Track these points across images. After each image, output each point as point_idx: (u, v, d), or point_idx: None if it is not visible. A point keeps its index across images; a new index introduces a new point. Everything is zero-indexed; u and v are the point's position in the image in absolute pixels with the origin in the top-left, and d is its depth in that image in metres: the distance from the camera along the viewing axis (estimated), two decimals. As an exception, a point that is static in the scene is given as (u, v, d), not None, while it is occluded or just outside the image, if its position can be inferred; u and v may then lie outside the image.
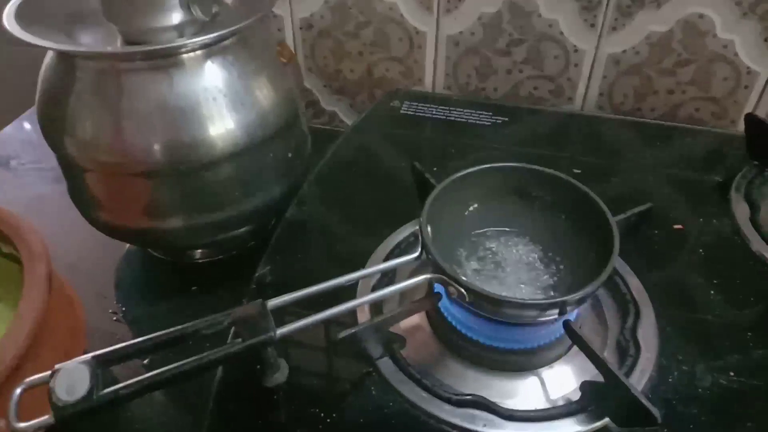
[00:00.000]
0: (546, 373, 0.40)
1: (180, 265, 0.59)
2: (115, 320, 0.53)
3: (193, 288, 0.56)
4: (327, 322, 0.36)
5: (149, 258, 0.60)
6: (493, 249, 0.43)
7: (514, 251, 0.43)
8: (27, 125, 0.78)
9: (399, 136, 0.63)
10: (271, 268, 0.47)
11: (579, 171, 0.56)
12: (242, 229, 0.54)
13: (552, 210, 0.42)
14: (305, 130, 0.58)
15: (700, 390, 0.38)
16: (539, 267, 0.42)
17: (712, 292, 0.45)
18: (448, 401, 0.37)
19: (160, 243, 0.56)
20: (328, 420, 0.37)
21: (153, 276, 0.58)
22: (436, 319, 0.42)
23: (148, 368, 0.32)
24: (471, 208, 0.43)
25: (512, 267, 0.42)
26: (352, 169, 0.59)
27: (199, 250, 0.59)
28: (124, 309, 0.54)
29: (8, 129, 0.78)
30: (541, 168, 0.42)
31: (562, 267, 0.41)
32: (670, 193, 0.55)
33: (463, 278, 0.35)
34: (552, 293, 0.40)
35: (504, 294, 0.38)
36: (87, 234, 0.55)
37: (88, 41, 0.51)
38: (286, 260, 0.49)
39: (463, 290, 0.35)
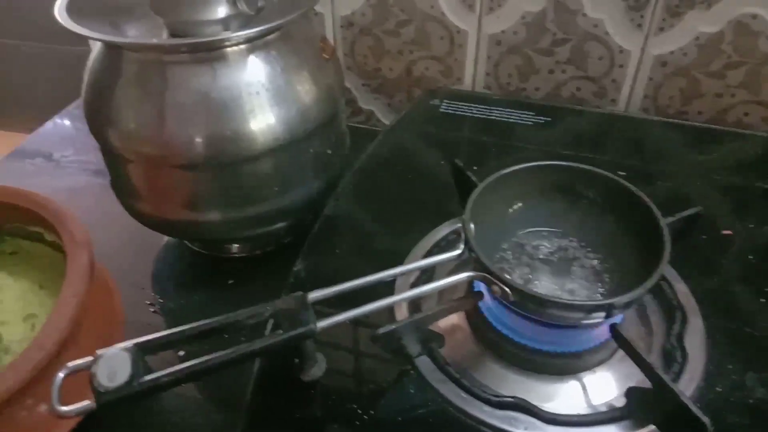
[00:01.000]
0: (588, 378, 0.39)
1: (217, 259, 0.59)
2: (153, 311, 0.54)
3: (230, 282, 0.56)
4: (365, 319, 0.36)
5: (187, 251, 0.60)
6: (538, 249, 0.42)
7: (560, 252, 0.41)
8: (67, 121, 0.80)
9: (438, 135, 0.63)
10: (309, 264, 0.47)
11: (623, 173, 0.53)
12: (279, 225, 0.54)
13: (599, 211, 0.41)
14: (344, 127, 0.58)
15: (750, 400, 0.37)
16: (585, 268, 0.41)
17: (762, 299, 0.43)
18: (488, 402, 0.36)
19: (198, 235, 0.57)
20: (365, 417, 0.36)
21: (190, 269, 0.59)
22: (476, 320, 0.41)
23: (183, 361, 0.32)
24: (515, 207, 0.42)
25: (557, 268, 0.41)
26: (390, 167, 0.59)
27: (237, 245, 0.59)
28: (161, 300, 0.55)
29: (50, 124, 0.79)
30: (589, 167, 0.41)
31: (608, 269, 0.40)
32: (718, 199, 0.53)
33: (507, 276, 0.35)
34: (598, 296, 0.39)
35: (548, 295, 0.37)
36: (127, 226, 0.56)
37: (134, 34, 0.52)
38: (324, 256, 0.48)
39: (507, 289, 0.34)
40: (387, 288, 0.43)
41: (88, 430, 0.41)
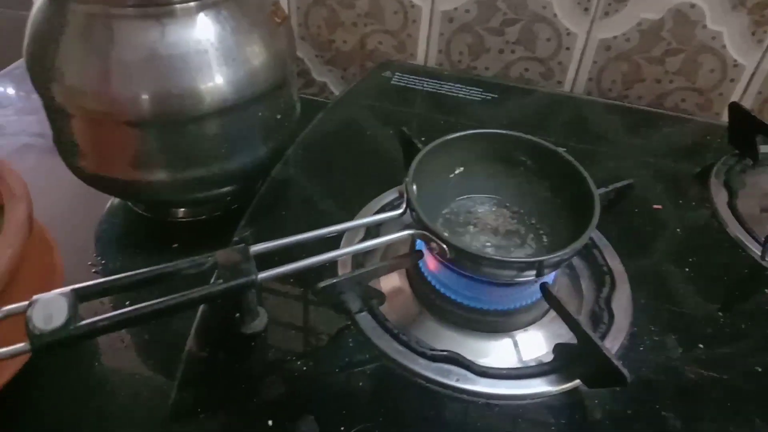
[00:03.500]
0: (520, 336, 0.40)
1: (162, 223, 0.59)
2: (94, 272, 0.53)
3: (174, 245, 0.56)
4: (307, 274, 0.36)
5: (132, 214, 0.59)
6: (476, 213, 0.43)
7: (496, 216, 0.43)
8: (9, 81, 0.77)
9: (388, 107, 0.64)
10: (254, 225, 0.47)
11: (564, 150, 0.56)
12: (226, 189, 0.54)
13: (536, 178, 0.43)
14: (295, 96, 0.58)
15: (670, 361, 0.39)
16: (521, 233, 0.42)
17: (687, 269, 0.46)
18: (423, 356, 0.37)
19: (143, 196, 0.56)
20: (305, 368, 0.37)
21: (135, 231, 0.58)
22: (416, 280, 0.42)
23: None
24: (456, 172, 0.44)
25: (493, 231, 0.42)
26: (339, 136, 0.59)
27: (182, 209, 0.59)
28: (103, 262, 0.54)
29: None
30: (527, 136, 0.43)
31: (542, 234, 0.42)
32: (652, 178, 0.55)
33: (445, 234, 0.36)
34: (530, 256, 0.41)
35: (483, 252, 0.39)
36: (69, 187, 0.55)
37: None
38: (270, 219, 0.49)
39: (444, 246, 0.35)
40: (332, 246, 0.43)
41: (26, 386, 0.40)
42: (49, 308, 0.31)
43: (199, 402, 0.35)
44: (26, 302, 0.32)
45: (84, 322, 0.31)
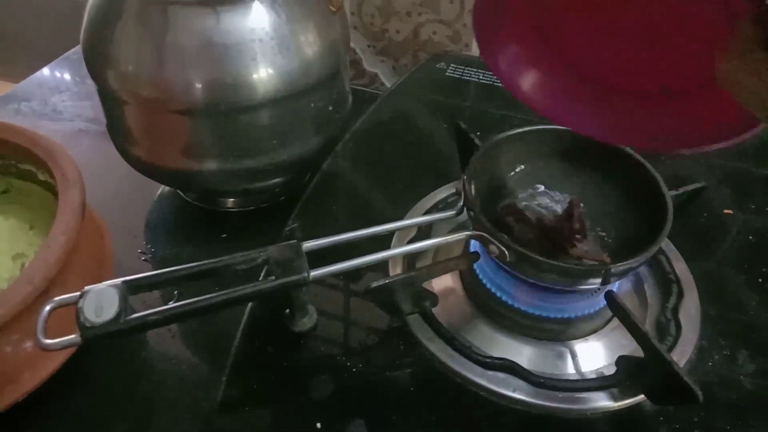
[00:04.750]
0: (579, 346, 0.38)
1: (212, 212, 0.59)
2: (143, 260, 0.53)
3: (223, 235, 0.55)
4: (357, 271, 0.35)
5: (181, 202, 0.59)
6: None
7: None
8: (65, 67, 0.78)
9: (443, 98, 0.62)
10: (304, 219, 0.46)
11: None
12: (275, 180, 0.54)
13: (601, 179, 0.41)
14: (347, 87, 0.57)
15: (741, 376, 0.37)
16: (584, 235, 0.40)
17: (760, 280, 0.43)
18: (478, 363, 0.36)
19: (194, 185, 0.56)
20: (354, 369, 0.36)
21: (183, 220, 0.58)
22: (470, 281, 0.41)
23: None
24: (517, 170, 0.42)
25: (556, 232, 0.40)
26: (392, 128, 0.58)
27: (231, 199, 0.59)
28: (152, 250, 0.54)
29: (46, 69, 0.78)
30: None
31: (606, 237, 0.39)
32: (720, 181, 0.52)
33: (506, 237, 0.34)
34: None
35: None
36: (121, 174, 0.55)
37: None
38: (320, 212, 0.48)
39: (504, 249, 0.34)
40: (382, 246, 0.42)
41: (75, 373, 0.40)
42: (101, 300, 0.31)
43: (247, 397, 0.34)
44: (77, 293, 0.31)
45: (134, 316, 0.30)
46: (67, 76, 0.77)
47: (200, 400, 0.41)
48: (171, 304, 0.31)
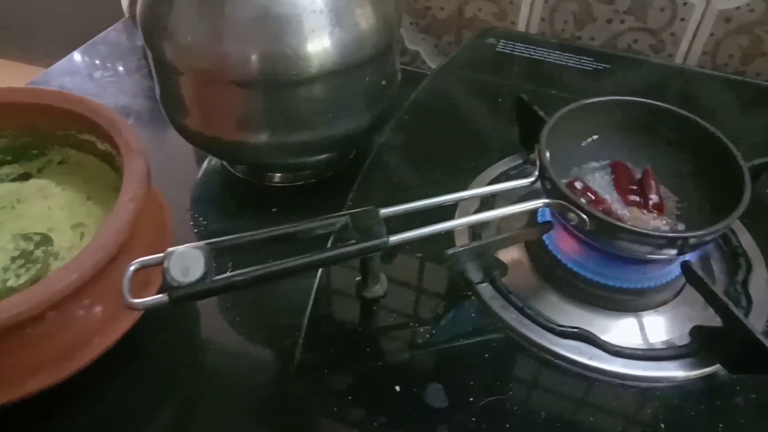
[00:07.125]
0: (648, 317, 0.38)
1: (258, 187, 0.59)
2: (196, 232, 0.53)
3: (273, 210, 0.55)
4: (425, 241, 0.35)
5: (229, 176, 0.59)
6: (609, 183, 0.41)
7: (629, 189, 0.41)
8: (115, 36, 0.78)
9: (496, 73, 0.61)
10: (365, 189, 0.46)
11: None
12: (326, 155, 0.53)
13: (674, 149, 0.40)
14: (397, 63, 0.57)
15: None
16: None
17: (827, 254, 0.43)
18: (552, 331, 0.36)
19: (245, 158, 0.56)
20: (428, 336, 0.36)
21: (231, 194, 0.58)
22: (537, 252, 0.40)
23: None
24: (588, 140, 0.41)
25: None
26: (445, 102, 0.57)
27: (279, 174, 0.59)
28: (204, 222, 0.54)
29: (91, 43, 0.78)
30: (671, 107, 0.40)
31: (681, 207, 0.39)
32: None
33: (587, 204, 0.34)
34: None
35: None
36: (168, 148, 0.55)
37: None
38: (380, 184, 0.48)
39: (585, 217, 0.33)
40: (444, 219, 0.42)
41: (135, 343, 0.41)
42: (186, 261, 0.31)
43: (324, 361, 0.35)
44: (161, 254, 0.32)
45: (221, 276, 0.31)
46: (113, 50, 0.76)
47: (259, 368, 0.41)
48: (258, 266, 0.31)
